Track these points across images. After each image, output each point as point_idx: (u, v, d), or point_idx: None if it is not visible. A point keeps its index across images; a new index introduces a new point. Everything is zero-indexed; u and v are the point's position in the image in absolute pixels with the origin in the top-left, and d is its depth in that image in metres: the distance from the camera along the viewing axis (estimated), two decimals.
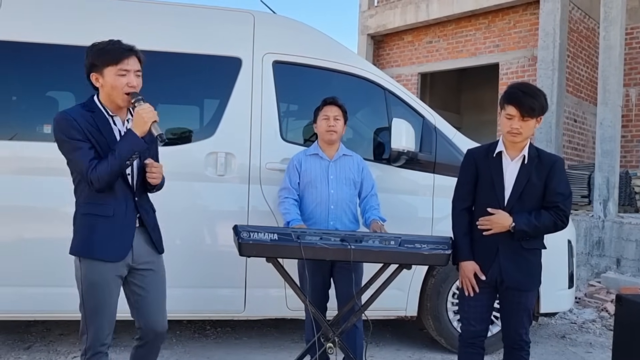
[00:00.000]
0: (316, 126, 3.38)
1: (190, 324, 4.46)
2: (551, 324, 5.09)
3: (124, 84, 2.23)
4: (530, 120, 2.63)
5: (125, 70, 2.23)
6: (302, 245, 2.71)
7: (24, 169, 3.46)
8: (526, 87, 2.67)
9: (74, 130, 2.18)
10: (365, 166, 3.45)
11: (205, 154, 3.62)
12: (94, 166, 2.17)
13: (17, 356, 3.65)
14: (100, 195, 2.24)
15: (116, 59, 2.22)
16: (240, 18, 3.89)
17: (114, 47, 2.24)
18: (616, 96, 7.04)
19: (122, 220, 2.29)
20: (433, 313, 3.95)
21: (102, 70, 2.23)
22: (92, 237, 2.26)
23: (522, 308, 2.75)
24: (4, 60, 3.52)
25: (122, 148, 2.18)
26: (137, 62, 2.28)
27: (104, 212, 2.26)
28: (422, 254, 2.81)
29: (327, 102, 3.34)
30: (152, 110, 2.22)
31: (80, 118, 2.21)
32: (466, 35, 10.71)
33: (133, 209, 2.33)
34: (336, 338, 2.96)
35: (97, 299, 2.28)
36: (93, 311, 2.28)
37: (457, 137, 4.07)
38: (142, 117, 2.19)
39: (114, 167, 2.17)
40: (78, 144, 2.19)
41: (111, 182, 2.22)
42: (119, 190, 2.28)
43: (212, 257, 3.64)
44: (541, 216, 2.69)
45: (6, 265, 3.38)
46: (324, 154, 3.35)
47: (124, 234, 2.30)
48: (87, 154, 2.18)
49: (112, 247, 2.27)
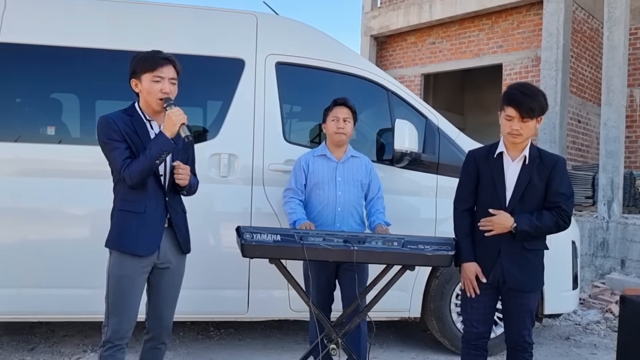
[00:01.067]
0: (325, 126, 3.36)
1: (194, 326, 4.46)
2: (555, 325, 5.07)
3: (158, 89, 2.41)
4: (530, 121, 2.62)
5: (160, 77, 2.41)
6: (304, 246, 2.71)
7: (28, 171, 3.47)
8: (525, 88, 2.66)
9: (113, 132, 2.37)
10: (373, 168, 3.44)
11: (209, 155, 3.62)
12: (127, 164, 2.34)
13: (21, 357, 3.66)
14: (134, 193, 2.41)
15: (153, 66, 2.41)
16: (243, 19, 3.89)
17: (152, 56, 2.45)
18: (620, 96, 7.02)
19: (153, 217, 2.45)
20: (437, 314, 3.94)
21: (141, 77, 2.43)
22: (124, 232, 2.43)
23: (525, 309, 2.74)
24: (10, 62, 3.53)
25: (152, 148, 2.35)
26: (173, 71, 2.47)
27: (136, 209, 2.42)
28: (425, 255, 2.81)
29: (338, 102, 3.31)
30: (181, 113, 2.39)
31: (119, 121, 2.41)
32: (469, 36, 10.69)
33: (163, 208, 2.48)
34: (339, 339, 2.96)
35: (121, 291, 2.42)
36: (116, 303, 2.43)
37: (460, 138, 4.06)
38: (172, 119, 2.35)
39: (144, 165, 2.33)
40: (115, 144, 2.37)
41: (142, 179, 2.37)
42: (151, 189, 2.44)
43: (215, 258, 3.64)
44: (543, 217, 2.68)
45: (10, 266, 3.39)
46: (332, 155, 3.33)
47: (153, 230, 2.45)
48: (122, 153, 2.37)
49: (142, 242, 2.42)
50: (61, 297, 3.46)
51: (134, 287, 2.45)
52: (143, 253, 2.42)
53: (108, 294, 2.45)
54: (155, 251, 2.45)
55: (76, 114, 3.82)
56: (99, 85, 3.74)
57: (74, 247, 3.47)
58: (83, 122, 3.81)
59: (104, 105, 3.79)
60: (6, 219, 3.43)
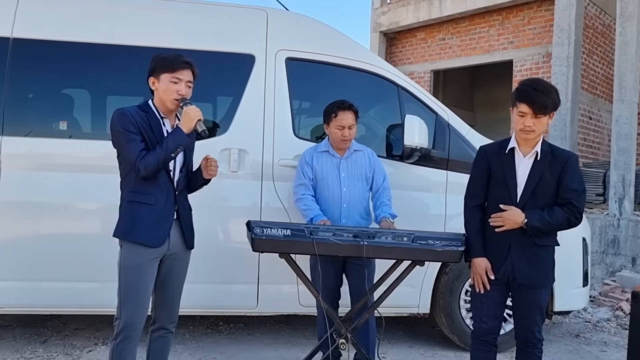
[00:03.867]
0: (327, 129, 3.33)
1: (204, 320, 4.49)
2: (565, 322, 5.05)
3: (174, 90, 2.50)
4: (543, 117, 2.61)
5: (177, 79, 2.50)
6: (314, 241, 2.73)
7: (40, 165, 3.51)
8: (538, 84, 2.64)
9: (130, 124, 2.45)
10: (376, 159, 3.43)
11: (219, 151, 3.63)
12: (142, 156, 2.41)
13: (33, 349, 3.71)
14: (145, 185, 2.48)
15: (173, 67, 2.50)
16: (253, 15, 3.90)
17: (173, 58, 2.53)
18: (632, 93, 6.95)
19: (163, 209, 2.52)
20: (446, 310, 3.94)
21: (159, 76, 2.51)
22: (135, 222, 2.49)
23: (535, 306, 2.74)
24: (23, 58, 3.56)
25: (169, 141, 2.44)
26: (191, 74, 2.56)
27: (147, 200, 2.49)
28: (435, 250, 2.82)
29: (342, 107, 3.26)
30: (198, 110, 2.48)
31: (135, 115, 2.49)
32: (479, 32, 10.63)
33: (173, 202, 2.56)
34: (349, 334, 2.97)
35: (133, 282, 2.48)
36: (128, 294, 2.48)
37: (471, 134, 4.05)
38: (189, 115, 2.45)
39: (160, 157, 2.42)
40: (132, 136, 2.45)
41: (157, 171, 2.45)
42: (162, 182, 2.52)
43: (225, 253, 3.66)
44: (554, 213, 2.66)
45: (23, 260, 3.44)
46: (335, 151, 3.34)
47: (163, 222, 2.52)
48: (138, 145, 2.44)
49: (152, 233, 2.49)
50: (73, 290, 3.50)
51: (145, 277, 2.50)
52: (153, 244, 2.49)
53: (120, 285, 2.50)
54: (164, 242, 2.52)
55: (87, 109, 3.85)
56: (110, 81, 3.76)
57: (85, 240, 3.50)
58: (94, 117, 3.84)
59: (115, 101, 3.81)
60: (18, 213, 3.47)
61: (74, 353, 3.68)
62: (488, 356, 2.85)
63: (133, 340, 2.50)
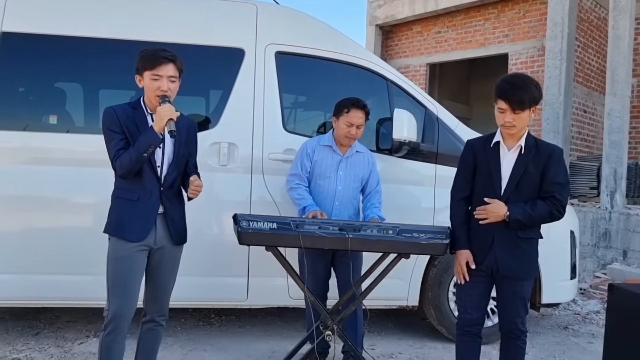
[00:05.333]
0: (335, 122, 3.32)
1: (196, 313, 4.53)
2: (555, 314, 5.10)
3: (156, 87, 2.49)
4: (522, 113, 2.63)
5: (158, 75, 2.49)
6: (300, 234, 2.76)
7: (33, 159, 3.53)
8: (515, 79, 2.67)
9: (113, 124, 2.49)
10: (374, 162, 3.46)
11: (209, 144, 3.65)
12: (119, 155, 2.46)
13: (25, 342, 3.74)
14: (129, 181, 2.52)
15: (152, 64, 2.49)
16: (243, 9, 3.91)
17: (153, 54, 2.51)
18: (625, 86, 6.98)
19: (145, 205, 2.54)
20: (434, 303, 3.98)
21: (143, 73, 2.53)
22: (118, 217, 2.55)
23: (518, 297, 2.77)
24: (15, 52, 3.57)
25: (141, 141, 2.44)
26: (174, 69, 2.53)
27: (130, 197, 2.54)
28: (420, 243, 2.85)
29: (356, 105, 3.24)
30: (171, 109, 2.45)
31: (121, 113, 2.52)
32: (475, 26, 10.63)
33: (157, 198, 2.57)
34: (335, 326, 3.00)
35: (119, 274, 2.52)
36: (115, 286, 2.52)
37: (460, 128, 4.07)
38: (160, 114, 2.43)
39: (132, 156, 2.43)
40: (112, 135, 2.49)
41: (131, 170, 2.46)
42: (146, 179, 2.54)
43: (215, 246, 3.68)
44: (537, 206, 2.70)
45: (16, 253, 3.46)
46: (337, 148, 3.34)
47: (145, 217, 2.55)
48: (117, 144, 2.47)
49: (133, 228, 2.52)
50: (65, 284, 3.53)
51: (131, 270, 2.53)
52: (132, 238, 2.51)
53: (108, 277, 2.54)
54: (144, 237, 2.53)
55: (80, 103, 3.87)
56: (101, 75, 3.78)
57: (78, 234, 3.53)
58: (85, 112, 3.86)
59: (108, 95, 3.84)
60: (12, 207, 3.49)
61: (65, 345, 3.71)
62: (472, 346, 2.89)
63: (122, 331, 2.54)
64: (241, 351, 3.73)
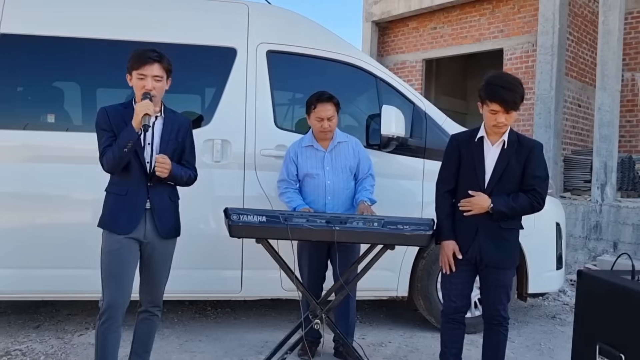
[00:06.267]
0: (308, 120, 3.43)
1: (192, 305, 4.65)
2: (544, 305, 5.21)
3: (141, 86, 2.61)
4: (514, 112, 2.75)
5: (143, 75, 2.61)
6: (289, 227, 2.86)
7: (34, 157, 3.64)
8: (506, 82, 2.75)
9: (103, 123, 2.64)
10: (361, 149, 3.54)
11: (202, 141, 3.75)
12: (105, 152, 2.59)
13: (27, 334, 3.86)
14: (119, 177, 2.65)
15: (138, 65, 2.61)
16: (235, 9, 4.01)
17: (140, 55, 2.63)
18: (614, 81, 7.07)
19: (133, 200, 2.66)
20: (423, 293, 4.09)
21: (131, 73, 2.66)
22: (109, 212, 2.68)
23: (500, 285, 2.89)
24: (12, 53, 3.67)
25: (121, 138, 2.57)
26: (159, 69, 2.64)
27: (120, 191, 2.66)
28: (404, 234, 2.96)
29: (321, 99, 3.33)
30: (147, 104, 2.54)
31: (113, 112, 2.65)
32: (470, 21, 10.71)
33: (145, 192, 2.67)
34: (323, 315, 3.11)
35: (112, 266, 2.64)
36: (108, 278, 2.64)
37: (447, 123, 4.17)
38: (136, 110, 2.55)
39: (115, 152, 2.56)
40: (102, 133, 2.63)
41: (115, 165, 2.58)
42: (134, 174, 2.65)
43: (209, 240, 3.78)
44: (518, 198, 2.82)
45: (17, 248, 3.58)
46: (319, 145, 3.43)
47: (133, 211, 2.65)
48: (105, 142, 2.60)
49: (121, 221, 2.64)
50: (65, 277, 3.64)
51: (123, 262, 2.64)
52: (120, 231, 2.63)
53: (101, 270, 2.66)
54: (132, 230, 2.64)
55: (78, 102, 3.97)
56: (97, 75, 3.88)
57: (76, 229, 3.62)
58: (82, 110, 3.96)
59: (104, 94, 3.94)
60: (13, 203, 3.60)
61: (65, 337, 3.83)
62: (457, 333, 3.01)
63: (116, 320, 2.65)
64: (235, 341, 3.85)
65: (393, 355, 3.69)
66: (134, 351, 2.89)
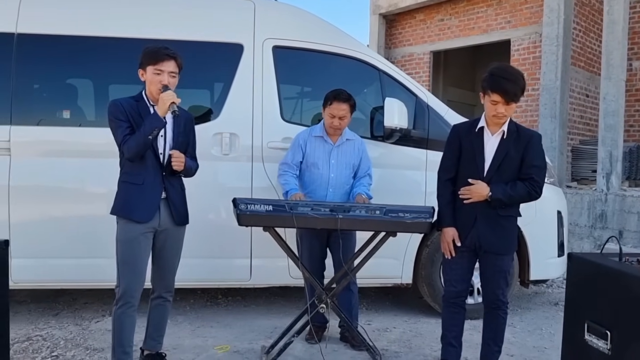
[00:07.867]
0: (323, 112, 3.55)
1: (204, 294, 4.80)
2: (548, 292, 5.31)
3: (158, 81, 2.75)
4: (514, 104, 2.85)
5: (160, 70, 2.75)
6: (294, 215, 2.99)
7: (50, 152, 3.79)
8: (507, 73, 2.85)
9: (119, 113, 2.75)
10: (365, 149, 3.68)
11: (211, 135, 3.90)
12: (127, 140, 2.71)
13: (46, 321, 4.04)
14: (135, 167, 2.77)
15: (155, 60, 2.75)
16: (241, 6, 4.13)
17: (156, 51, 2.77)
18: (619, 71, 7.10)
19: (150, 189, 2.79)
20: (427, 280, 4.20)
21: (145, 68, 2.78)
22: (125, 200, 2.79)
23: (499, 270, 3.00)
24: (28, 52, 3.82)
25: (146, 124, 2.71)
26: (174, 65, 2.79)
27: (136, 181, 2.78)
28: (405, 222, 3.07)
29: (338, 98, 3.43)
30: (172, 94, 2.71)
31: (126, 104, 2.77)
32: (478, 12, 10.73)
33: (160, 182, 2.82)
34: (329, 299, 3.24)
35: (127, 254, 2.77)
36: (124, 264, 2.78)
37: (449, 114, 4.27)
38: (163, 99, 2.70)
39: (139, 139, 2.69)
40: (119, 123, 2.74)
41: (138, 152, 2.71)
42: (150, 164, 2.78)
43: (219, 229, 3.93)
44: (516, 186, 2.92)
45: (36, 239, 3.74)
46: (328, 138, 3.56)
47: (150, 200, 2.79)
48: (124, 131, 2.73)
49: (140, 209, 2.77)
50: (82, 267, 3.80)
51: (139, 249, 2.78)
52: (140, 219, 2.77)
53: (117, 257, 2.81)
54: (151, 218, 2.79)
55: (91, 98, 4.12)
56: (109, 71, 4.02)
57: (92, 220, 3.76)
58: (96, 106, 4.11)
59: (116, 90, 4.08)
60: (33, 196, 3.76)
61: (83, 324, 4.00)
62: (457, 317, 3.14)
63: (132, 305, 2.80)
64: (245, 327, 3.99)
65: (397, 340, 3.82)
66: (148, 335, 3.05)
